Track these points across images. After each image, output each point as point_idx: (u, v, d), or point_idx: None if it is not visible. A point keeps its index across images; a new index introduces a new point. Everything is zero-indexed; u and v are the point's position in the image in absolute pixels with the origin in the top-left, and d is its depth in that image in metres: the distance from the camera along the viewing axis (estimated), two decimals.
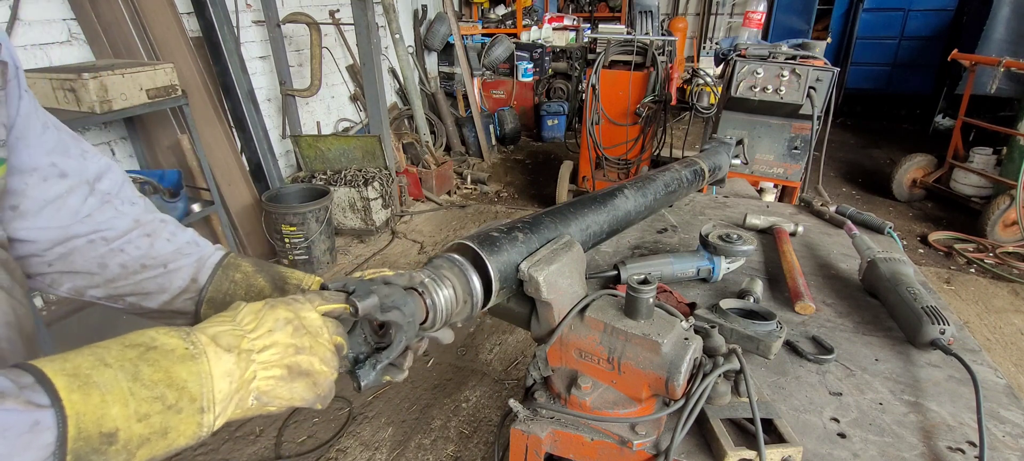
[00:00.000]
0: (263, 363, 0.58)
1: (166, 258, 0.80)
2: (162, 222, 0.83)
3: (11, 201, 0.70)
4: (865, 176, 5.89)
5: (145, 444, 0.50)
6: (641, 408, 0.85)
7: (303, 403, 0.62)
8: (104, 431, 0.47)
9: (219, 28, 3.64)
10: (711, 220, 1.74)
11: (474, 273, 0.76)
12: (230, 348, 0.57)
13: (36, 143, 0.71)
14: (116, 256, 0.77)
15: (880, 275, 1.23)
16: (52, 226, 0.73)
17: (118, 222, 0.78)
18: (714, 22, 8.60)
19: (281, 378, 0.60)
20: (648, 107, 4.19)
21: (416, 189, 5.14)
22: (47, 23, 2.97)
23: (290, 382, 0.60)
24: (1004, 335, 3.21)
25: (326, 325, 0.64)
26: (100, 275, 0.77)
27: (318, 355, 0.62)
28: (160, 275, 0.80)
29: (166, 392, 0.51)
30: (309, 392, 0.62)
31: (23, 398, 0.44)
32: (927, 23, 7.28)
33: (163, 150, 3.50)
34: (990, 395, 0.95)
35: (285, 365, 0.60)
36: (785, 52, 3.02)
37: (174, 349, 0.53)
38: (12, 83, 0.67)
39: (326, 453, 2.39)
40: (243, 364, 0.57)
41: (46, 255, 0.74)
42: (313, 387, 0.62)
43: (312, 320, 0.63)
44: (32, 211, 0.71)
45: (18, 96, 0.69)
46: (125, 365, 0.50)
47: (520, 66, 7.20)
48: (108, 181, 0.79)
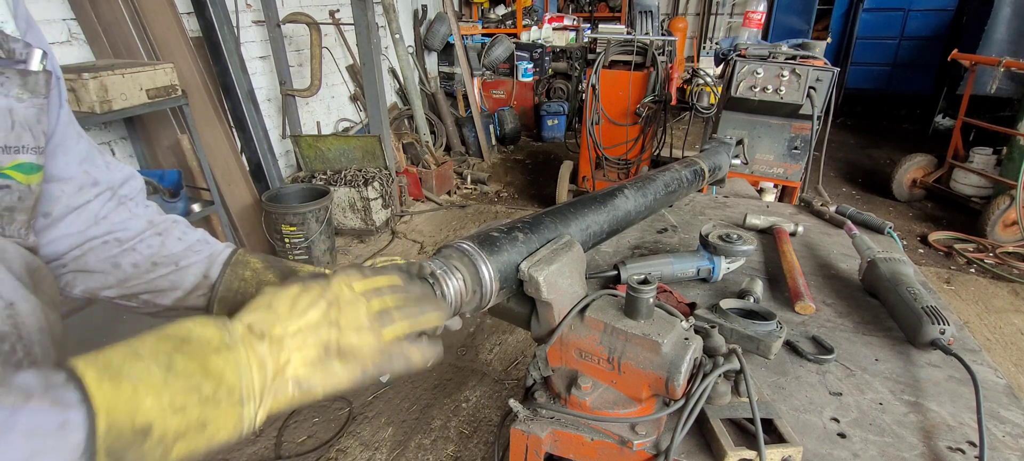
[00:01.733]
0: (297, 346, 0.56)
1: (177, 256, 0.81)
2: (173, 222, 0.84)
3: (45, 208, 0.71)
4: (865, 176, 5.89)
5: (182, 438, 0.48)
6: (641, 408, 0.85)
7: (350, 384, 0.59)
8: (137, 425, 0.45)
9: (219, 28, 3.64)
10: (711, 220, 1.74)
11: (483, 263, 0.76)
12: (263, 334, 0.55)
13: (73, 150, 0.73)
14: (128, 256, 0.78)
15: (880, 275, 1.23)
16: (73, 232, 0.74)
17: (132, 224, 0.79)
18: (714, 22, 8.60)
19: (318, 360, 0.57)
20: (648, 107, 4.19)
21: (416, 189, 5.14)
22: (47, 23, 2.97)
23: (329, 362, 0.58)
24: (1004, 335, 3.21)
25: (364, 296, 0.62)
26: (113, 275, 0.78)
27: (354, 326, 0.59)
28: (172, 273, 0.80)
29: (202, 383, 0.49)
30: (354, 371, 0.59)
31: (50, 397, 0.42)
32: (927, 23, 7.28)
33: (163, 150, 3.50)
34: (990, 395, 0.95)
35: (321, 344, 0.57)
36: (785, 52, 3.02)
37: (210, 340, 0.52)
38: (53, 92, 0.68)
39: (326, 453, 2.39)
40: (276, 350, 0.55)
41: (63, 257, 0.75)
42: (357, 364, 0.59)
43: (345, 294, 0.61)
44: (60, 217, 0.72)
45: (59, 105, 0.70)
46: (159, 356, 0.48)
47: (520, 66, 7.20)
48: (128, 187, 0.80)
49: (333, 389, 0.59)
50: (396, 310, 0.63)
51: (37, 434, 0.40)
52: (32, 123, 0.62)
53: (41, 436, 0.40)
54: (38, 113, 0.63)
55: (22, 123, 0.61)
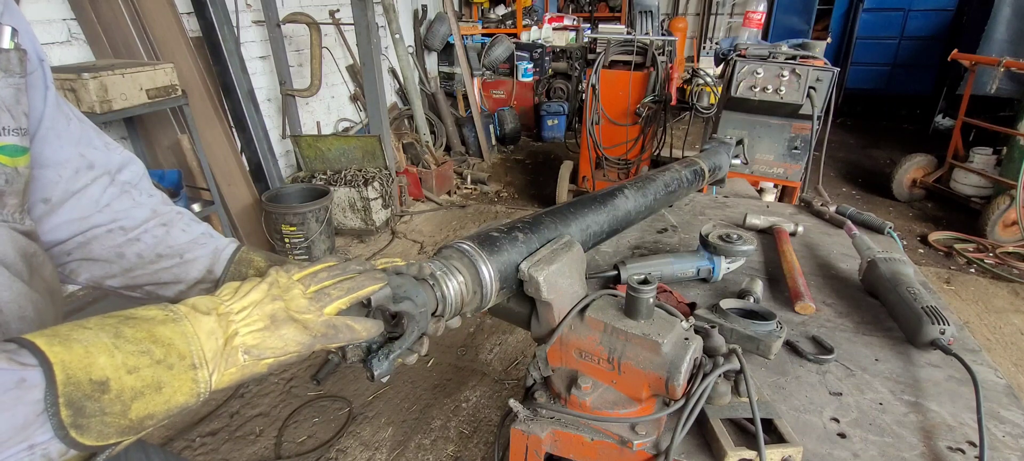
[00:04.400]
0: (243, 320, 0.59)
1: (182, 248, 0.81)
2: (178, 213, 0.84)
3: (43, 194, 0.71)
4: (865, 176, 5.89)
5: (140, 398, 0.50)
6: (641, 408, 0.85)
7: (299, 349, 0.61)
8: (94, 378, 0.47)
9: (219, 28, 3.64)
10: (711, 220, 1.74)
11: (483, 263, 0.76)
12: (209, 311, 0.57)
13: (66, 133, 0.72)
14: (133, 245, 0.78)
15: (880, 275, 1.23)
16: (74, 217, 0.74)
17: (136, 212, 0.79)
18: (714, 22, 8.59)
19: (265, 328, 0.59)
20: (648, 107, 4.19)
21: (416, 189, 5.14)
22: (47, 23, 2.96)
23: (277, 330, 0.60)
24: (1004, 335, 3.21)
25: (301, 282, 0.64)
26: (117, 264, 0.78)
27: (294, 305, 0.62)
28: (176, 265, 0.80)
29: (152, 347, 0.52)
30: (302, 335, 0.61)
31: (5, 357, 0.44)
32: (927, 23, 7.28)
33: (163, 150, 3.50)
34: (990, 395, 0.95)
35: (266, 315, 0.60)
36: (785, 52, 3.01)
37: (154, 316, 0.54)
38: (37, 74, 0.67)
39: (326, 453, 2.39)
40: (223, 323, 0.58)
41: (66, 244, 0.75)
42: (304, 331, 0.61)
43: (283, 280, 0.63)
44: (60, 203, 0.72)
45: (45, 86, 0.69)
46: (106, 327, 0.51)
47: (520, 66, 7.19)
48: (129, 172, 0.80)
49: (284, 355, 0.60)
50: (333, 288, 0.65)
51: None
52: (10, 103, 0.61)
53: (1, 391, 0.42)
54: (16, 93, 0.62)
55: (1, 104, 0.60)
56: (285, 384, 2.78)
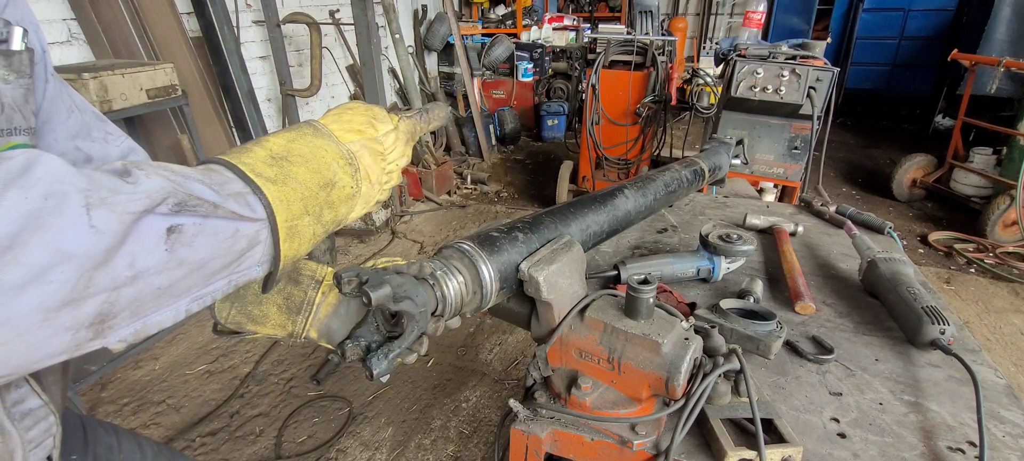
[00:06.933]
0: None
1: None
2: None
3: None
4: (865, 176, 5.89)
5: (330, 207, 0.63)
6: (641, 408, 0.85)
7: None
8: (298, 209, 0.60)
9: (219, 28, 3.64)
10: (711, 220, 1.74)
11: (483, 263, 0.76)
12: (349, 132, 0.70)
13: (61, 127, 0.72)
14: None
15: (880, 275, 1.23)
16: None
17: None
18: (714, 22, 8.59)
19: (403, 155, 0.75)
20: (648, 107, 4.19)
21: (416, 189, 5.14)
22: (47, 23, 2.97)
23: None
24: (1004, 335, 3.21)
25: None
26: None
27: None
28: None
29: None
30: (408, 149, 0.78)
31: (241, 200, 0.55)
32: (927, 23, 7.27)
33: (163, 150, 3.50)
34: (990, 395, 0.95)
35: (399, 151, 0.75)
36: (785, 52, 3.01)
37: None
38: (38, 67, 0.67)
39: (326, 453, 2.39)
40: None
41: None
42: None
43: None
44: None
45: (45, 80, 0.69)
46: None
47: (520, 66, 7.19)
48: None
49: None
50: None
51: (220, 235, 0.52)
52: (20, 104, 0.61)
53: (223, 239, 0.53)
54: (25, 93, 0.62)
55: (11, 105, 0.60)
56: (285, 384, 2.78)
